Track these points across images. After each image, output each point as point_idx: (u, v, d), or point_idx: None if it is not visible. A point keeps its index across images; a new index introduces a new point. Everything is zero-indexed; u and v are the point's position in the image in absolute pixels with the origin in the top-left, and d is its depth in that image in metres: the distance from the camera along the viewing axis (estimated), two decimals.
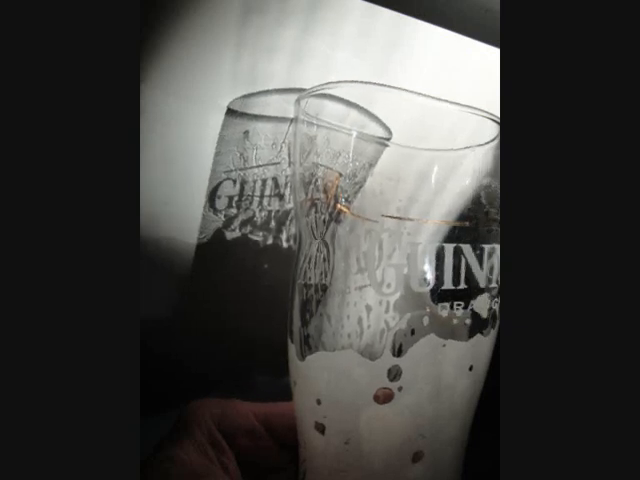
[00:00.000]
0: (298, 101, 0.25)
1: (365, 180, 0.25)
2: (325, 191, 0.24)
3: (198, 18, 0.32)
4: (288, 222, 0.36)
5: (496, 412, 0.19)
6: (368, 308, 0.25)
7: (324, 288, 0.24)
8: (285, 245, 0.36)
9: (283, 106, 0.34)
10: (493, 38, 0.34)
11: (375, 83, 0.23)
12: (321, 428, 0.24)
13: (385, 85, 0.23)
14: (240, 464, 0.26)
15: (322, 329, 0.25)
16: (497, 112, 0.22)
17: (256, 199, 0.35)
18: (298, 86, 0.34)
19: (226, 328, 0.37)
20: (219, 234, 0.35)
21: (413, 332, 0.22)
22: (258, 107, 0.34)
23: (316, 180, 0.24)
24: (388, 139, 0.29)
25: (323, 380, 0.23)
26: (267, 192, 0.35)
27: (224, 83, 0.34)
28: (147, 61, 0.33)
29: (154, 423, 0.26)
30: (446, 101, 0.22)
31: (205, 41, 0.33)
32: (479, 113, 0.23)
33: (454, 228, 0.22)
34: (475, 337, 0.22)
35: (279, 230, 0.36)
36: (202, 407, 0.27)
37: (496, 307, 0.23)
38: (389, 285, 0.21)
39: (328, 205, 0.24)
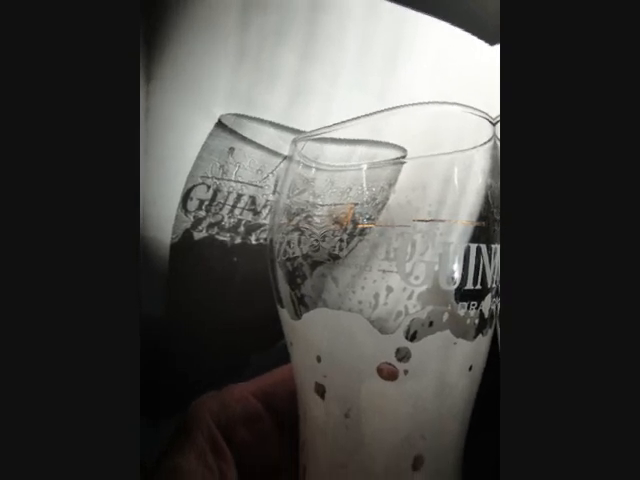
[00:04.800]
0: (295, 142, 0.24)
1: (387, 198, 0.24)
2: (337, 222, 0.23)
3: (198, 16, 0.32)
4: (259, 231, 0.35)
5: (496, 413, 0.18)
6: (389, 289, 0.24)
7: (335, 257, 0.23)
8: (254, 242, 0.35)
9: (278, 142, 0.34)
10: (489, 33, 0.35)
11: (378, 111, 0.22)
12: (321, 390, 0.22)
13: (388, 109, 0.22)
14: (239, 466, 0.25)
15: (323, 288, 0.24)
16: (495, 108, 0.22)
17: (227, 207, 0.34)
18: (296, 123, 0.34)
19: (205, 323, 0.35)
20: (187, 234, 0.34)
21: (431, 324, 0.21)
22: (250, 131, 0.34)
23: (307, 216, 0.24)
24: (403, 157, 0.28)
25: (324, 338, 0.22)
26: (241, 204, 0.34)
27: (220, 91, 0.33)
28: (147, 58, 0.33)
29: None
30: (448, 103, 0.22)
31: (205, 41, 0.33)
32: (477, 113, 0.23)
33: (475, 228, 0.22)
34: (478, 337, 0.22)
35: (248, 233, 0.35)
36: (201, 407, 0.26)
37: (494, 307, 0.23)
38: (417, 277, 0.21)
39: (345, 229, 0.23)
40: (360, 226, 0.23)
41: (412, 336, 0.21)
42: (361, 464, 0.22)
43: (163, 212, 0.33)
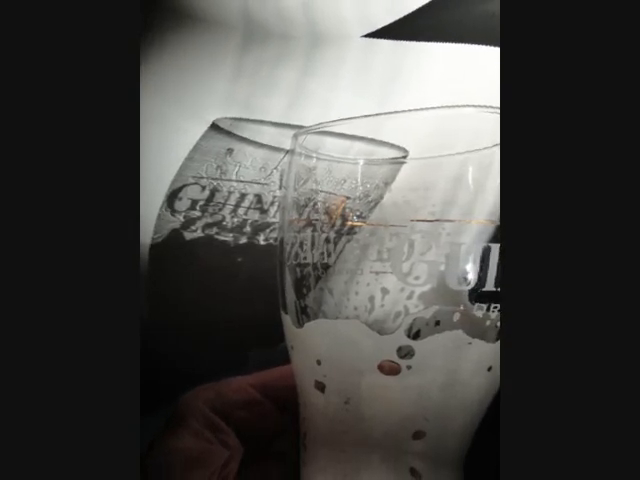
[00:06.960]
0: (295, 136, 0.24)
1: (382, 197, 0.24)
2: (327, 213, 0.23)
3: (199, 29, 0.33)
4: (268, 230, 0.34)
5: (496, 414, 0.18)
6: (384, 291, 0.23)
7: (325, 266, 0.23)
8: (263, 243, 0.34)
9: (279, 139, 0.33)
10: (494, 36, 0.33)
11: (381, 113, 0.22)
12: (321, 387, 0.22)
13: (391, 112, 0.22)
14: (241, 437, 0.25)
15: (322, 301, 0.23)
16: None
17: (229, 207, 0.33)
18: (296, 122, 0.33)
19: (201, 322, 0.34)
20: (175, 234, 0.33)
21: (438, 323, 0.21)
22: (250, 132, 0.33)
23: (314, 204, 0.23)
24: (404, 157, 0.28)
25: (324, 344, 0.22)
26: (245, 204, 0.34)
27: (216, 96, 0.33)
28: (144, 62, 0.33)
29: None
30: (458, 105, 0.21)
31: (204, 56, 0.33)
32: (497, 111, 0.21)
33: (497, 228, 0.21)
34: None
35: (255, 233, 0.34)
36: (194, 397, 0.25)
37: None
38: (417, 277, 0.21)
39: (333, 225, 0.23)
40: (350, 224, 0.23)
41: (415, 335, 0.21)
42: (362, 432, 0.22)
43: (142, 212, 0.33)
